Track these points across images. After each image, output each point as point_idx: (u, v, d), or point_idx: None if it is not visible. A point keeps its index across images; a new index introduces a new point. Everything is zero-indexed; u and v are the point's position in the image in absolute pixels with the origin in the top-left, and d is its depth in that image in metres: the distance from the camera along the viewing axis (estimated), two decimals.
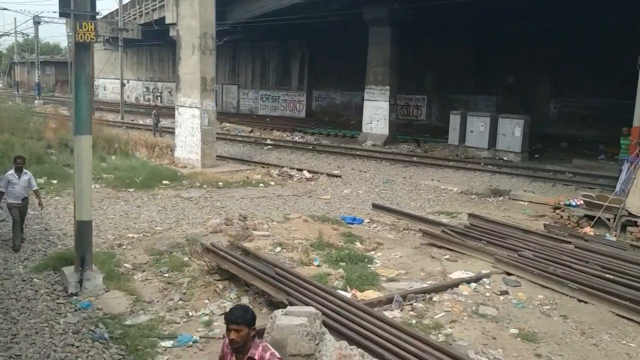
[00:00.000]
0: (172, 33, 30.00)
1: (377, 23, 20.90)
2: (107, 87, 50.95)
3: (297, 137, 24.24)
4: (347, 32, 30.87)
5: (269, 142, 21.77)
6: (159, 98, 46.73)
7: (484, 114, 19.00)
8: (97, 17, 7.01)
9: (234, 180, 13.77)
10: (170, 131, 24.69)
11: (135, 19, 39.12)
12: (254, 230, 8.83)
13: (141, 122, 30.93)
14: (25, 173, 7.90)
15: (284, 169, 15.53)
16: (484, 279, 6.71)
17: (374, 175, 15.20)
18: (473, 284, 6.57)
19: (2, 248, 7.73)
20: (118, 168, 13.82)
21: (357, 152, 19.17)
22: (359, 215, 10.65)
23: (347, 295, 6.23)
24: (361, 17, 23.14)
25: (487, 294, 6.38)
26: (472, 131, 18.46)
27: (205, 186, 12.93)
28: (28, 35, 60.59)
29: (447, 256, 7.68)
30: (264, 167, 16.07)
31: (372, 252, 7.98)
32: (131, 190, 12.24)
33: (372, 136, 21.40)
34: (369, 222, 10.11)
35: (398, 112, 25.97)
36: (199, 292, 6.44)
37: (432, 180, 14.42)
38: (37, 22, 40.66)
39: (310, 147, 20.28)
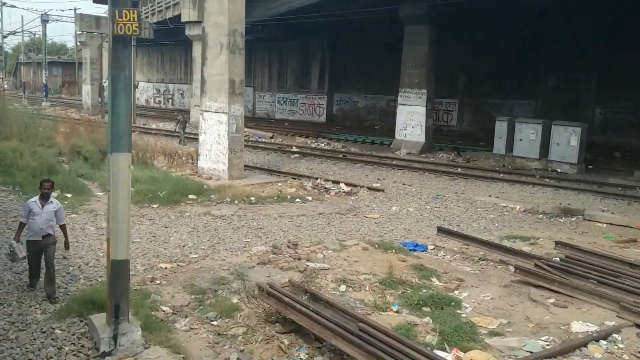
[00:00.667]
0: (187, 32, 29.11)
1: (414, 20, 19.71)
2: None
3: (322, 144, 23.09)
4: (373, 31, 29.80)
5: (294, 149, 20.64)
6: (170, 100, 45.88)
7: (535, 120, 17.73)
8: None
9: (266, 194, 12.63)
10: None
11: (147, 17, 38.29)
12: (307, 260, 7.67)
13: (154, 126, 29.98)
14: (52, 202, 6.30)
15: (318, 181, 14.38)
16: (614, 335, 5.50)
17: (420, 190, 13.99)
18: (603, 342, 5.36)
19: (16, 285, 6.61)
20: (138, 180, 12.73)
21: (394, 162, 17.96)
22: (419, 239, 9.46)
23: (448, 357, 5.05)
24: (391, 14, 22.03)
25: (626, 357, 5.17)
26: (521, 139, 17.20)
27: (236, 202, 11.80)
28: (35, 35, 60.27)
29: (552, 300, 6.45)
30: (295, 178, 14.94)
31: (456, 292, 6.78)
32: (155, 206, 11.14)
33: (406, 144, 20.20)
34: (433, 249, 8.91)
35: None
36: (260, 348, 5.28)
37: (490, 196, 13.18)
38: (45, 20, 40.01)
39: (341, 156, 19.12)
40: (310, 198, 12.47)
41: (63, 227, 6.48)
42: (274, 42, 35.91)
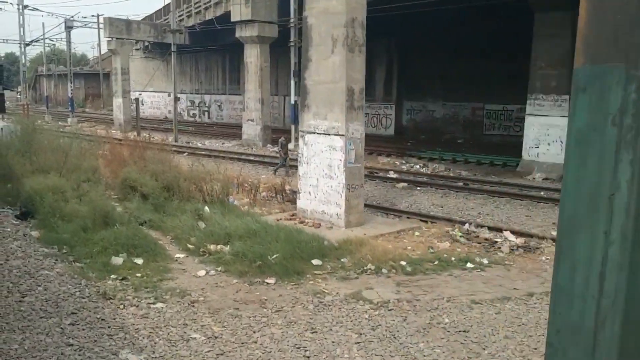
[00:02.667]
0: (238, 33, 26.15)
1: (549, 6, 16.12)
2: (145, 101, 47.78)
3: (417, 165, 19.58)
4: (456, 26, 26.45)
5: (392, 175, 17.16)
6: (206, 113, 43.17)
7: None
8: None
9: (417, 255, 9.15)
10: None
11: (181, 20, 35.68)
12: None
13: (200, 144, 26.98)
14: None
15: (467, 227, 10.89)
16: None
17: None
18: None
19: None
20: (230, 233, 9.46)
21: (541, 193, 14.29)
22: None
23: None
24: (489, 4, 18.65)
25: None
26: None
27: (384, 270, 8.35)
28: (55, 44, 58.75)
29: None
30: (427, 221, 11.47)
31: None
32: (271, 283, 7.78)
33: (540, 166, 16.52)
34: None
35: None
36: None
37: None
38: (69, 26, 37.81)
39: (460, 184, 15.55)
40: (485, 261, 8.93)
41: None
42: None
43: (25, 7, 35.02)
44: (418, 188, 15.16)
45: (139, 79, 44.61)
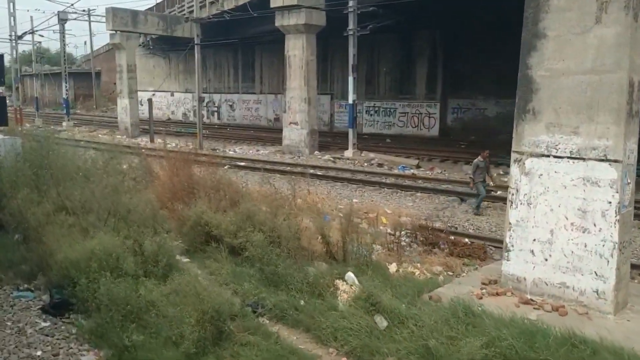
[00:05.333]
0: (279, 22, 21.10)
1: None
2: (144, 101, 42.19)
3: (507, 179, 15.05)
4: (510, 14, 22.07)
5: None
6: (216, 113, 37.84)
7: None
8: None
9: None
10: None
11: (191, 12, 30.38)
12: None
13: (230, 152, 21.89)
14: None
15: None
16: None
17: None
18: None
19: None
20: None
21: None
22: None
23: None
24: None
25: None
26: None
27: None
28: (40, 43, 52.22)
29: None
30: None
31: None
32: None
33: None
34: None
35: None
36: None
37: None
38: (62, 19, 32.05)
39: None
40: None
41: None
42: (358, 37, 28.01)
43: None
44: None
45: (139, 77, 38.99)
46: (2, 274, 7.15)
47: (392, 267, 7.67)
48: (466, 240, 9.23)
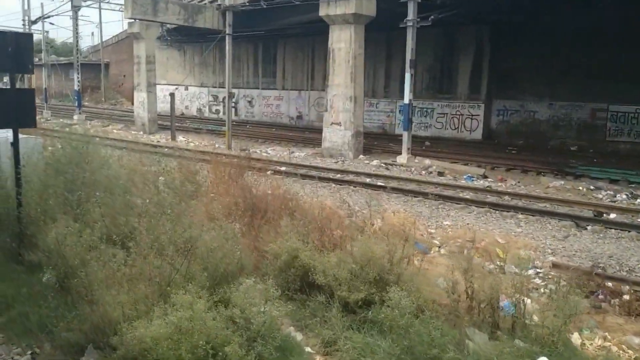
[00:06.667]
0: (324, 12, 18.80)
1: None
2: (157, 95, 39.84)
3: (603, 195, 12.84)
4: (574, 8, 19.93)
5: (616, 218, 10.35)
6: (233, 110, 35.45)
7: None
8: None
9: None
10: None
11: (212, 1, 28.06)
12: None
13: (264, 153, 19.63)
14: None
15: None
16: None
17: None
18: None
19: None
20: None
21: None
22: None
23: None
24: None
25: None
26: None
27: None
28: (47, 32, 49.72)
29: None
30: None
31: None
32: None
33: None
34: None
35: None
36: None
37: None
38: (76, 6, 29.65)
39: None
40: None
41: None
42: (392, 32, 25.73)
43: None
44: None
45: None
46: (36, 347, 4.95)
47: (575, 338, 5.52)
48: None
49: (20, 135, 9.39)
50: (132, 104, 46.16)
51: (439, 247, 9.06)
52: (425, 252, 8.98)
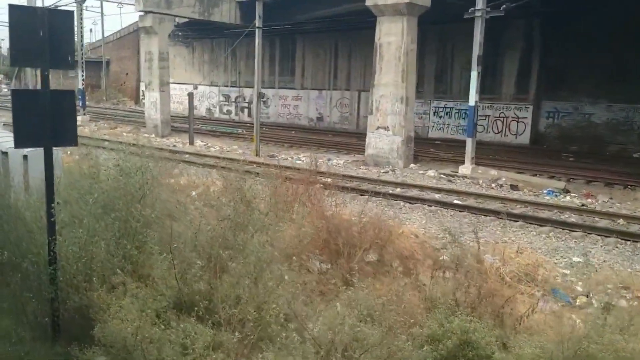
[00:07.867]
0: (373, 1, 16.80)
1: None
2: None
3: None
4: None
5: None
6: (246, 110, 33.37)
7: None
8: None
9: None
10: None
11: None
12: None
13: (297, 161, 17.52)
14: None
15: None
16: None
17: None
18: None
19: None
20: None
21: None
22: None
23: None
24: None
25: None
26: None
27: None
28: None
29: None
30: None
31: None
32: None
33: None
34: None
35: None
36: None
37: None
38: None
39: None
40: None
41: None
42: (424, 26, 23.65)
43: None
44: None
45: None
46: None
47: None
48: None
49: (34, 149, 7.20)
50: (135, 103, 44.18)
51: (587, 295, 7.03)
52: (569, 302, 6.98)
